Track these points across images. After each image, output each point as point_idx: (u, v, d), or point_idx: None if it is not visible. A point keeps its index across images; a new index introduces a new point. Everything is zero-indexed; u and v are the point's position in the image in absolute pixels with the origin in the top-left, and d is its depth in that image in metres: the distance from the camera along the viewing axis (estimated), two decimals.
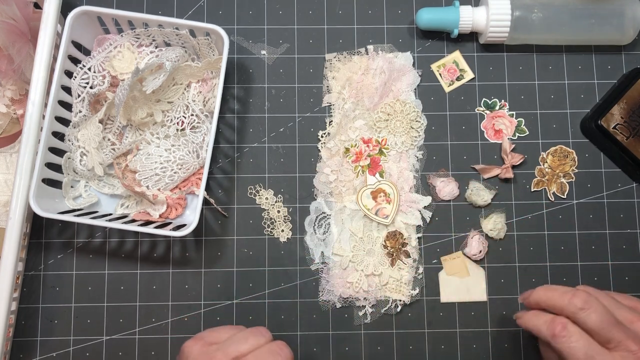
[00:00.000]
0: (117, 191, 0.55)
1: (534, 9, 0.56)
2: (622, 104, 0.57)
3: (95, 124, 0.54)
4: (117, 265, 0.56)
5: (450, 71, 0.59)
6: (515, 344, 0.56)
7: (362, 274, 0.55)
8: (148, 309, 0.56)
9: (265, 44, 0.59)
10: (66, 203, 0.54)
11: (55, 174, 0.54)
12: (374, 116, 0.57)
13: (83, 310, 0.56)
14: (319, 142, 0.58)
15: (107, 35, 0.56)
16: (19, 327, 0.55)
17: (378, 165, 0.57)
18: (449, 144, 0.58)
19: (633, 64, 0.60)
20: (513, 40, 0.57)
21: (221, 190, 0.57)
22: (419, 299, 0.56)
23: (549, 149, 0.58)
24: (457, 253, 0.57)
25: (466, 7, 0.57)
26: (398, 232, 0.56)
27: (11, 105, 0.57)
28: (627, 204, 0.58)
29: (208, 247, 0.56)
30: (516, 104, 0.59)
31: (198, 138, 0.56)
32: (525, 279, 0.57)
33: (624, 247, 0.57)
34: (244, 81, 0.59)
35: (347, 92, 0.58)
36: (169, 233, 0.50)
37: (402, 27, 0.60)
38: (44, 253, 0.56)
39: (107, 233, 0.57)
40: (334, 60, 0.59)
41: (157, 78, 0.53)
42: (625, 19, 0.56)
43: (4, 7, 0.52)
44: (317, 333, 0.56)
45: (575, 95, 0.59)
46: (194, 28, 0.53)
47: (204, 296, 0.56)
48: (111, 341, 0.55)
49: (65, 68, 0.53)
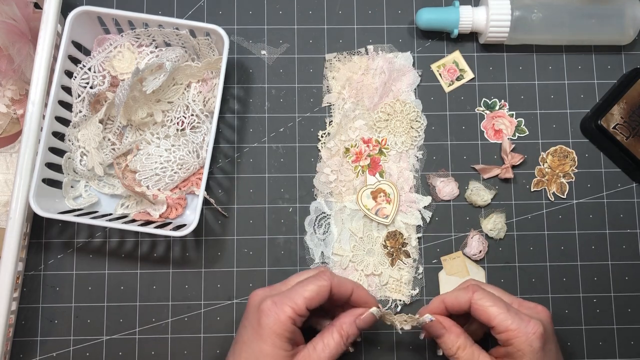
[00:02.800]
0: (117, 191, 0.55)
1: (534, 9, 0.56)
2: (622, 104, 0.57)
3: (95, 124, 0.54)
4: (117, 265, 0.56)
5: (450, 71, 0.59)
6: None
7: (362, 273, 0.55)
8: (148, 309, 0.56)
9: (265, 44, 0.59)
10: (66, 203, 0.54)
11: (55, 174, 0.54)
12: (374, 116, 0.57)
13: (83, 310, 0.56)
14: (319, 142, 0.58)
15: (107, 35, 0.56)
16: (19, 327, 0.55)
17: (378, 165, 0.57)
18: (449, 144, 0.58)
19: (633, 64, 0.60)
20: (513, 40, 0.57)
21: (221, 190, 0.57)
22: (419, 299, 0.56)
23: (548, 149, 0.58)
24: (457, 253, 0.57)
25: (466, 7, 0.57)
26: (398, 232, 0.56)
27: (11, 105, 0.57)
28: (627, 204, 0.58)
29: (208, 247, 0.56)
30: (516, 104, 0.59)
31: (198, 138, 0.56)
32: (525, 279, 0.57)
33: (624, 247, 0.57)
34: (244, 81, 0.59)
35: (347, 92, 0.58)
36: (169, 233, 0.50)
37: (402, 27, 0.60)
38: (44, 253, 0.56)
39: (107, 233, 0.57)
40: (334, 60, 0.59)
41: (157, 78, 0.53)
42: (625, 19, 0.56)
43: (4, 7, 0.52)
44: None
45: (575, 95, 0.59)
46: (194, 28, 0.53)
47: (204, 296, 0.56)
48: (111, 341, 0.55)
49: (65, 68, 0.53)
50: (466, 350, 0.47)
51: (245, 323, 0.47)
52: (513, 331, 0.45)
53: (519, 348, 0.45)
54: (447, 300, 0.49)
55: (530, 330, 0.45)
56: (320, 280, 0.46)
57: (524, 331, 0.45)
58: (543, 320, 0.46)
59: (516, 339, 0.45)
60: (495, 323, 0.46)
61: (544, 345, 0.45)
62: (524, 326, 0.45)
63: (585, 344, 0.56)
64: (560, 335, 0.55)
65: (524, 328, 0.45)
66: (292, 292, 0.45)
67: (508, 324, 0.45)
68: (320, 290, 0.45)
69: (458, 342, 0.47)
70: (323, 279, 0.46)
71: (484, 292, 0.47)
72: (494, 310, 0.46)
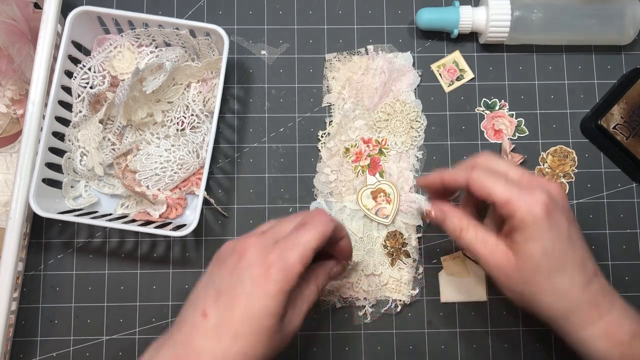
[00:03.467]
0: (117, 191, 0.55)
1: (534, 9, 0.56)
2: (622, 104, 0.57)
3: (95, 124, 0.54)
4: (117, 265, 0.56)
5: (450, 71, 0.59)
6: (515, 344, 0.56)
7: (362, 274, 0.55)
8: (148, 309, 0.56)
9: (265, 44, 0.59)
10: (66, 203, 0.55)
11: (55, 174, 0.54)
12: (374, 116, 0.57)
13: (83, 310, 0.56)
14: (319, 142, 0.58)
15: (107, 35, 0.56)
16: (19, 327, 0.55)
17: (378, 165, 0.57)
18: (449, 144, 0.58)
19: (633, 64, 0.60)
20: (513, 40, 0.57)
21: (221, 190, 0.57)
22: (419, 299, 0.56)
23: (548, 149, 0.58)
24: (457, 253, 0.57)
25: (466, 7, 0.57)
26: (398, 232, 0.56)
27: (11, 105, 0.57)
28: (627, 204, 0.58)
29: (208, 247, 0.56)
30: (516, 104, 0.59)
31: (198, 138, 0.56)
32: None
33: (624, 247, 0.57)
34: (244, 81, 0.59)
35: (347, 92, 0.58)
36: (169, 233, 0.50)
37: (402, 27, 0.60)
38: (44, 253, 0.56)
39: (107, 233, 0.57)
40: (334, 60, 0.59)
41: (157, 78, 0.53)
42: (625, 19, 0.56)
43: (4, 7, 0.52)
44: (316, 333, 0.56)
45: (575, 95, 0.59)
46: (194, 28, 0.53)
47: None
48: (111, 341, 0.55)
49: (65, 68, 0.53)
50: (469, 230, 0.45)
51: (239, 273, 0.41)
52: (513, 202, 0.42)
53: (521, 218, 0.42)
54: (445, 176, 0.47)
55: (531, 198, 0.42)
56: (324, 225, 0.42)
57: (525, 200, 0.42)
58: (551, 191, 0.43)
59: (518, 210, 0.42)
60: (494, 197, 0.43)
61: (549, 216, 0.42)
62: (525, 195, 0.42)
63: None
64: None
65: (525, 197, 0.42)
66: (297, 243, 0.41)
67: (507, 195, 0.42)
68: (325, 238, 0.42)
69: (460, 224, 0.45)
70: (326, 224, 0.43)
71: (482, 169, 0.45)
72: (491, 184, 0.43)
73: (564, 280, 0.42)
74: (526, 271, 0.42)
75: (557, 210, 0.43)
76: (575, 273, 0.42)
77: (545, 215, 0.42)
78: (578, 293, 0.42)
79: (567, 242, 0.43)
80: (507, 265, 0.43)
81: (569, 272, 0.42)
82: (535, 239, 0.42)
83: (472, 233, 0.45)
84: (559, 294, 0.42)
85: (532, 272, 0.42)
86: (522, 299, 0.44)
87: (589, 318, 0.42)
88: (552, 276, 0.42)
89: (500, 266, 0.44)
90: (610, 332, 0.42)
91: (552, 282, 0.42)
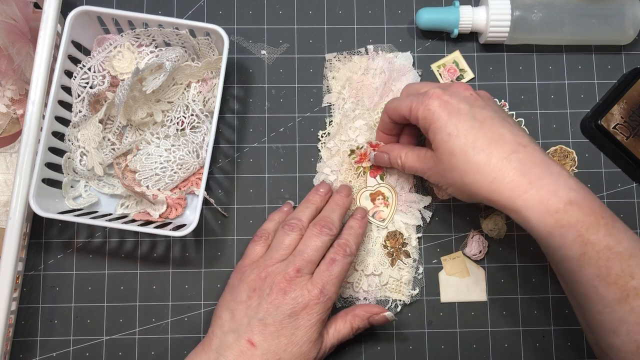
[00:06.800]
0: (117, 191, 0.55)
1: (534, 9, 0.56)
2: (622, 104, 0.57)
3: (95, 124, 0.54)
4: (117, 265, 0.56)
5: (450, 71, 0.59)
6: (515, 344, 0.56)
7: (362, 274, 0.55)
8: (148, 309, 0.56)
9: (265, 44, 0.59)
10: (66, 203, 0.54)
11: (55, 174, 0.54)
12: (374, 116, 0.57)
13: (83, 310, 0.56)
14: (319, 142, 0.58)
15: (107, 35, 0.56)
16: (19, 327, 0.55)
17: (380, 169, 0.57)
18: None
19: (633, 64, 0.60)
20: (513, 40, 0.57)
21: (221, 190, 0.57)
22: (419, 299, 0.56)
23: (549, 149, 0.58)
24: (457, 253, 0.57)
25: (466, 7, 0.57)
26: (398, 232, 0.56)
27: (11, 105, 0.57)
28: (627, 204, 0.58)
29: (208, 247, 0.56)
30: (516, 104, 0.59)
31: (198, 138, 0.56)
32: (525, 279, 0.57)
33: None
34: (244, 81, 0.59)
35: (347, 92, 0.58)
36: (169, 233, 0.50)
37: (402, 27, 0.60)
38: (44, 253, 0.56)
39: (107, 233, 0.57)
40: (334, 60, 0.59)
41: (157, 78, 0.53)
42: (625, 19, 0.56)
43: (4, 7, 0.52)
44: None
45: (575, 95, 0.59)
46: (194, 28, 0.53)
47: (204, 296, 0.56)
48: (111, 341, 0.55)
49: (65, 68, 0.53)
50: (408, 155, 0.50)
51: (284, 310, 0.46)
52: (414, 108, 0.46)
53: (423, 117, 0.45)
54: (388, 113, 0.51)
55: (426, 98, 0.45)
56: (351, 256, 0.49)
57: (421, 101, 0.45)
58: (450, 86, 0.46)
59: (418, 112, 0.45)
60: (402, 112, 0.47)
61: (446, 105, 0.44)
62: (422, 97, 0.45)
63: (586, 344, 0.56)
64: (561, 335, 0.55)
65: (422, 99, 0.45)
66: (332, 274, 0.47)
67: (408, 105, 0.46)
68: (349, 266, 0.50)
69: (399, 153, 0.50)
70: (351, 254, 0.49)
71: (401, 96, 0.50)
72: (397, 103, 0.48)
73: (480, 155, 0.43)
74: (444, 160, 0.45)
75: (455, 98, 0.45)
76: (491, 147, 0.43)
77: (440, 105, 0.44)
78: (499, 164, 0.43)
79: (472, 121, 0.44)
80: (434, 164, 0.46)
81: (484, 148, 0.43)
82: (441, 129, 0.44)
83: (410, 155, 0.49)
84: (480, 168, 0.43)
85: (449, 157, 0.44)
86: (459, 189, 0.45)
87: (519, 187, 0.42)
88: (468, 155, 0.43)
89: (431, 168, 0.47)
90: (544, 200, 0.41)
91: (469, 160, 0.43)
